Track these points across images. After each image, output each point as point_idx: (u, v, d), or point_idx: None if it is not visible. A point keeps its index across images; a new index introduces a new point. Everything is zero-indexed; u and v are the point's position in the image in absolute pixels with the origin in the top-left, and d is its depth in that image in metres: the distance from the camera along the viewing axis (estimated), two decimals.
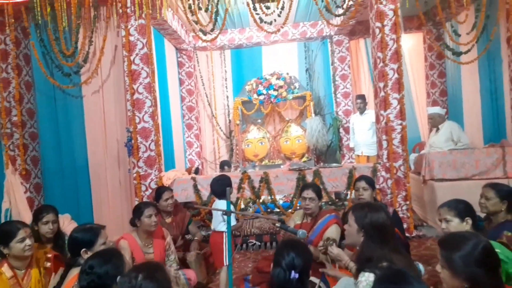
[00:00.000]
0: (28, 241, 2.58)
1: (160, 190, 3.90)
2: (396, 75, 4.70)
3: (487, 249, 1.69)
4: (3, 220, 4.42)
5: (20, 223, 2.77)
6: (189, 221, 4.06)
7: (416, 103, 7.54)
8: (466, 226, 2.39)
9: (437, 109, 5.57)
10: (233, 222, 3.30)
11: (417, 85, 7.51)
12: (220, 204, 3.47)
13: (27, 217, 4.24)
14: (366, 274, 2.09)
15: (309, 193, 3.41)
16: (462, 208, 2.46)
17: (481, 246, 1.69)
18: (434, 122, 5.46)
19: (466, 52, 5.15)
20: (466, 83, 6.27)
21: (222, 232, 3.35)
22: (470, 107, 6.17)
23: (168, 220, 3.88)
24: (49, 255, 2.80)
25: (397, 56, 4.70)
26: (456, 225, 2.42)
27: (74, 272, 2.21)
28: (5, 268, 2.55)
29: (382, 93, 4.74)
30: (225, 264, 3.27)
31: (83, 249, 2.30)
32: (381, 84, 4.75)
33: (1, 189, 4.59)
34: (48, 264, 2.75)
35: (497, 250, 2.05)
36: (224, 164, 6.63)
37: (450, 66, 6.72)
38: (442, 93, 6.87)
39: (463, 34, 5.31)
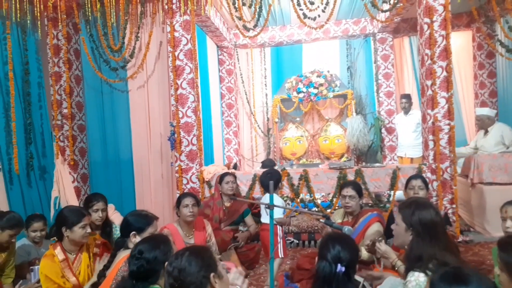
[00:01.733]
0: (88, 229, 2.70)
1: (223, 174, 4.15)
2: (444, 73, 4.52)
3: None
4: (52, 208, 4.62)
5: (85, 210, 2.91)
6: (245, 212, 4.12)
7: (463, 104, 7.23)
8: None
9: (486, 111, 5.31)
10: (281, 212, 3.31)
11: (465, 86, 7.20)
12: (267, 197, 3.48)
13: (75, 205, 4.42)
14: (416, 273, 2.01)
15: (348, 191, 3.34)
16: None
17: None
18: (482, 124, 5.21)
19: None
20: None
21: (275, 224, 3.33)
22: None
23: (227, 204, 4.05)
24: (98, 242, 2.90)
25: (446, 53, 4.52)
26: None
27: (122, 254, 2.27)
28: (58, 251, 2.66)
29: (430, 92, 4.57)
30: (280, 256, 3.29)
31: (133, 233, 2.37)
32: (429, 82, 4.58)
33: (51, 178, 4.80)
34: (97, 250, 2.83)
35: None
36: (266, 164, 6.53)
37: (501, 65, 6.40)
38: (492, 94, 6.55)
39: None
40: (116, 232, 3.49)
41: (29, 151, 4.72)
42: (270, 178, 3.44)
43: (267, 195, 3.58)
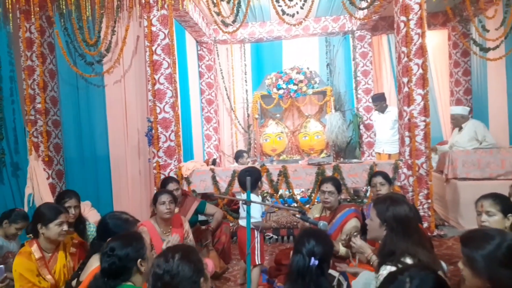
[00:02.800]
0: (65, 227, 2.63)
1: (165, 181, 3.86)
2: (420, 71, 4.60)
3: (511, 249, 1.60)
4: (26, 205, 4.50)
5: (63, 207, 2.83)
6: (199, 207, 3.99)
7: (439, 101, 7.39)
8: (507, 223, 2.32)
9: (459, 109, 5.43)
10: (259, 215, 3.21)
11: (441, 83, 7.35)
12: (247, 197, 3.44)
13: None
14: (388, 267, 2.04)
15: (328, 187, 3.36)
16: (506, 204, 2.39)
17: (505, 245, 1.60)
18: (457, 122, 5.34)
19: (494, 48, 5.01)
20: (492, 81, 6.10)
21: (253, 228, 3.30)
22: (496, 106, 6.00)
23: (176, 210, 3.84)
24: (76, 241, 2.85)
25: (422, 51, 4.59)
26: (499, 220, 2.35)
27: (97, 258, 2.22)
28: (35, 248, 2.60)
29: (406, 89, 4.65)
30: (257, 262, 3.17)
31: (110, 239, 2.31)
32: (405, 80, 4.65)
33: (24, 175, 4.67)
34: (74, 250, 2.78)
35: None
36: (239, 155, 6.44)
37: (475, 63, 6.56)
38: (467, 91, 6.71)
39: (491, 30, 5.15)
40: (90, 229, 3.43)
41: (0, 147, 4.58)
42: (249, 175, 3.42)
43: (244, 195, 3.56)
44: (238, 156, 6.46)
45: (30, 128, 4.74)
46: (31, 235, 2.74)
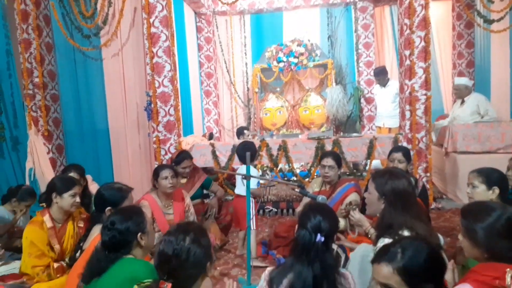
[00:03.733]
0: (77, 198, 2.69)
1: (180, 157, 3.91)
2: (423, 43, 4.52)
3: (511, 221, 1.62)
4: (27, 179, 4.53)
5: (78, 180, 2.89)
6: (205, 182, 4.05)
7: (441, 74, 7.30)
8: (492, 195, 2.32)
9: (464, 80, 5.37)
10: (254, 184, 3.29)
11: (443, 56, 7.25)
12: (244, 169, 3.47)
13: (50, 177, 4.33)
14: (386, 240, 2.06)
15: (328, 161, 3.37)
16: (491, 176, 2.38)
17: (504, 217, 1.62)
18: (460, 94, 5.28)
19: (498, 20, 4.90)
20: (495, 53, 6.02)
21: (244, 196, 3.36)
22: (499, 79, 5.95)
23: (183, 180, 3.92)
24: (83, 216, 2.91)
25: (425, 23, 4.50)
26: (482, 192, 2.35)
27: (98, 229, 2.25)
28: (47, 218, 2.67)
29: (408, 62, 4.58)
30: (252, 228, 3.27)
31: (108, 208, 2.35)
32: (407, 52, 4.58)
33: (24, 149, 4.67)
34: (81, 224, 2.84)
35: None
36: (240, 132, 6.57)
37: (479, 36, 6.44)
38: (469, 64, 6.60)
39: (496, 1, 5.03)
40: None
41: (0, 122, 4.57)
42: (247, 149, 3.44)
43: (244, 166, 3.59)
44: (239, 133, 6.49)
45: (29, 103, 4.71)
46: (44, 204, 2.79)
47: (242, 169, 3.57)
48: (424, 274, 1.43)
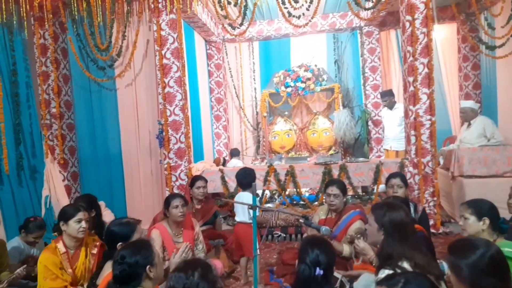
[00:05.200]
0: (83, 224, 2.83)
1: (195, 178, 4.20)
2: (426, 70, 4.62)
3: (494, 259, 1.67)
4: (43, 207, 4.70)
5: (82, 207, 3.03)
6: (215, 213, 4.23)
7: (448, 95, 7.35)
8: (483, 225, 2.36)
9: (470, 103, 5.43)
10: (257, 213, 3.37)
11: (450, 77, 7.30)
12: (244, 195, 3.58)
13: (65, 204, 4.49)
14: (386, 271, 2.13)
15: (333, 190, 3.44)
16: (481, 207, 2.40)
17: (488, 255, 1.67)
18: (466, 117, 5.33)
19: (500, 46, 4.98)
20: (501, 76, 6.05)
21: (246, 223, 3.45)
22: (505, 101, 5.96)
23: (198, 206, 4.12)
24: (97, 243, 3.03)
25: (428, 50, 4.62)
26: (472, 223, 2.38)
27: (110, 264, 2.36)
28: (60, 245, 2.82)
29: (412, 88, 4.68)
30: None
31: (120, 243, 2.45)
32: (411, 79, 4.69)
33: (41, 178, 4.86)
34: (95, 251, 2.96)
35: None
36: (234, 153, 6.98)
37: (485, 58, 6.50)
38: (476, 86, 6.67)
39: (498, 27, 5.13)
40: None
41: (18, 151, 4.76)
42: (246, 176, 3.56)
43: (241, 193, 3.69)
44: (233, 154, 6.93)
45: (46, 132, 4.93)
46: (56, 233, 2.97)
47: (239, 195, 3.67)
48: None
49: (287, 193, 5.27)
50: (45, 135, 4.96)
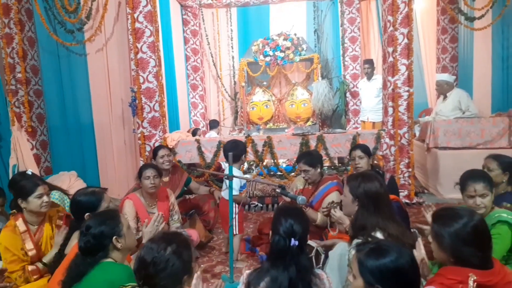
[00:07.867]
0: (45, 198, 2.66)
1: (156, 148, 3.97)
2: (405, 40, 4.57)
3: (476, 229, 1.70)
4: (11, 175, 4.51)
5: (40, 179, 2.84)
6: (187, 181, 4.10)
7: (425, 68, 7.38)
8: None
9: (445, 76, 5.45)
10: (238, 187, 3.28)
11: (428, 50, 7.31)
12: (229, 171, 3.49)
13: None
14: (359, 241, 2.13)
15: (301, 166, 3.38)
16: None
17: (470, 225, 1.69)
18: (441, 90, 5.36)
19: (480, 18, 4.97)
20: (478, 49, 6.09)
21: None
22: (481, 74, 6.04)
23: (166, 179, 3.91)
24: (61, 214, 2.88)
25: (408, 20, 4.55)
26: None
27: (77, 235, 2.28)
28: (19, 222, 2.65)
29: (391, 59, 4.64)
30: (235, 233, 3.21)
31: (87, 214, 2.35)
32: (390, 49, 4.64)
33: (8, 146, 4.64)
34: (60, 222, 2.82)
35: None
36: (213, 125, 6.92)
37: (463, 31, 6.51)
38: (453, 59, 6.69)
39: None
40: (66, 201, 3.47)
41: None
42: (234, 148, 3.46)
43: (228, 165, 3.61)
44: (212, 126, 6.85)
45: (11, 99, 4.66)
46: (14, 210, 2.76)
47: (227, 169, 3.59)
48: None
49: (264, 163, 5.22)
50: (11, 101, 4.68)
